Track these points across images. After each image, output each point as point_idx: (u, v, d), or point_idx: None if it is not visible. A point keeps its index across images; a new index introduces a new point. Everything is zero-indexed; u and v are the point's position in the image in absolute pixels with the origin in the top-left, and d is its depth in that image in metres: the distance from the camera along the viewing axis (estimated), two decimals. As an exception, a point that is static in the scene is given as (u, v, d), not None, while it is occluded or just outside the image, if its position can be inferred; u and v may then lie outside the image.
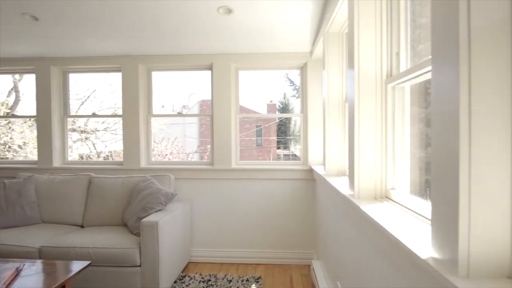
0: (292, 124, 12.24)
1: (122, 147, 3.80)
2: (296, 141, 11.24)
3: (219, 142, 3.63)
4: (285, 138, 12.53)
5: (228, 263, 3.61)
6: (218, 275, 3.23)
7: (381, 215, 1.33)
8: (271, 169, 3.59)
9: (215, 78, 3.61)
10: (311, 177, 3.55)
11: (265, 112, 14.29)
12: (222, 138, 3.63)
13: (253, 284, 3.03)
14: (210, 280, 3.11)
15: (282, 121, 12.88)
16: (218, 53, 3.57)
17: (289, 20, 2.65)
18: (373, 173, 1.71)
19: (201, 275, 3.21)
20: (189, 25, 2.75)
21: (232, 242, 3.66)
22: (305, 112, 3.63)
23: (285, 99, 13.77)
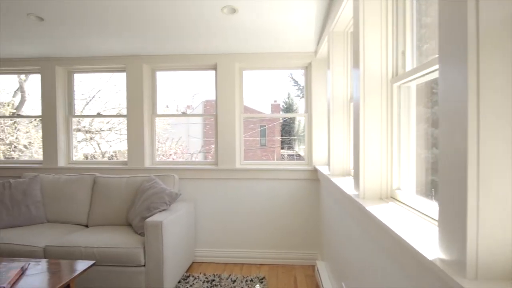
0: (296, 124, 12.20)
1: (126, 147, 3.81)
2: (300, 141, 11.21)
3: (223, 142, 3.63)
4: (289, 138, 12.50)
5: (232, 263, 3.60)
6: (222, 275, 3.22)
7: (386, 215, 1.32)
8: (275, 169, 3.59)
9: (219, 78, 3.61)
10: (315, 177, 3.54)
11: (269, 112, 14.27)
12: (226, 138, 3.63)
13: (257, 284, 3.03)
14: (214, 280, 3.10)
15: (286, 121, 12.86)
16: (222, 53, 3.57)
17: (293, 19, 2.64)
18: (379, 173, 1.69)
19: (205, 275, 3.21)
20: (194, 25, 2.75)
21: (236, 242, 3.66)
22: (309, 112, 3.62)
23: (289, 99, 13.74)
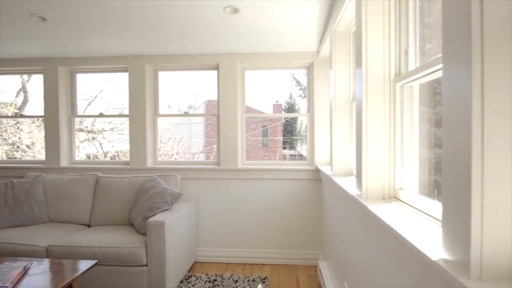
0: (298, 124, 12.20)
1: (128, 147, 3.81)
2: (302, 141, 11.20)
3: (225, 142, 3.63)
4: (291, 138, 12.50)
5: (234, 263, 3.60)
6: (224, 275, 3.22)
7: (389, 215, 1.32)
8: (277, 169, 3.58)
9: (221, 78, 3.61)
10: (317, 177, 3.53)
11: (271, 112, 14.27)
12: (228, 138, 3.63)
13: (259, 284, 3.02)
14: (216, 280, 3.10)
15: (288, 121, 12.85)
16: (224, 53, 3.56)
17: (295, 19, 2.63)
18: (381, 173, 1.69)
19: (207, 275, 3.21)
20: (196, 25, 2.75)
21: (238, 242, 3.65)
22: (311, 112, 3.61)
23: (291, 99, 13.73)
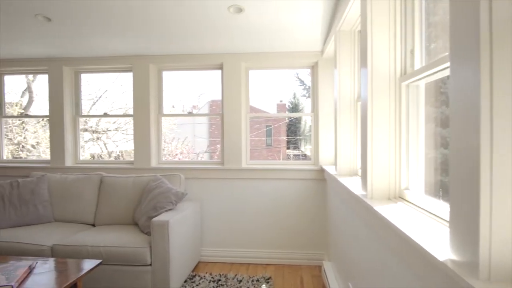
0: (302, 124, 12.17)
1: (133, 147, 3.82)
2: (306, 141, 11.18)
3: (229, 141, 3.63)
4: (295, 138, 12.48)
5: (238, 263, 3.60)
6: (228, 275, 3.22)
7: (395, 215, 1.31)
8: (281, 169, 3.57)
9: (226, 77, 3.61)
10: (321, 177, 3.52)
11: (274, 112, 14.25)
12: (232, 137, 3.62)
13: (263, 284, 3.02)
14: (220, 280, 3.10)
15: (292, 121, 12.83)
16: (228, 52, 3.56)
17: (300, 18, 2.62)
18: (387, 173, 1.67)
19: (211, 275, 3.21)
20: (200, 24, 2.74)
21: (242, 242, 3.65)
22: (316, 111, 3.60)
23: (295, 99, 13.71)
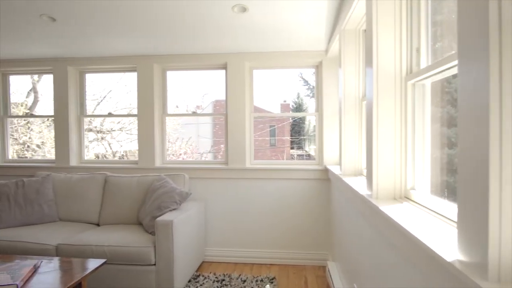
0: (306, 124, 12.14)
1: (137, 147, 3.82)
2: (310, 141, 11.15)
3: (233, 141, 3.62)
4: (298, 138, 12.45)
5: (242, 263, 3.59)
6: (232, 274, 3.21)
7: (401, 215, 1.29)
8: (285, 169, 3.56)
9: (230, 77, 3.61)
10: (326, 177, 3.50)
11: (278, 112, 14.22)
12: (236, 137, 3.62)
13: (268, 284, 3.01)
14: (224, 279, 3.10)
15: (295, 121, 12.80)
16: (232, 52, 3.56)
17: (304, 18, 2.61)
18: (392, 173, 1.66)
19: (215, 275, 3.21)
20: (204, 24, 2.74)
21: (246, 242, 3.64)
22: (320, 111, 3.59)
23: (298, 98, 13.65)
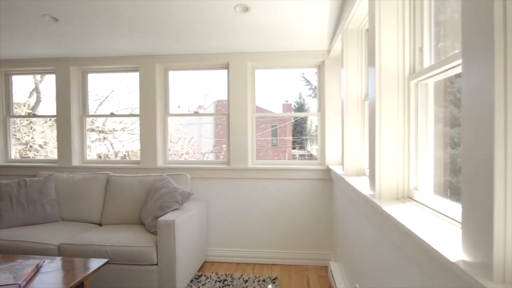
0: (308, 124, 12.13)
1: (139, 147, 3.83)
2: (312, 141, 11.14)
3: (235, 141, 3.62)
4: (300, 138, 12.44)
5: (244, 263, 3.59)
6: (234, 274, 3.21)
7: (404, 215, 1.29)
8: (287, 169, 3.56)
9: (232, 77, 3.60)
10: (328, 177, 3.50)
11: (280, 112, 14.21)
12: (238, 137, 3.61)
13: (270, 284, 3.00)
14: (226, 280, 3.09)
15: (297, 121, 12.79)
16: (234, 52, 3.55)
17: (306, 17, 2.61)
18: (395, 173, 1.65)
19: (217, 275, 3.21)
20: (206, 24, 2.74)
21: (248, 242, 3.64)
22: (322, 111, 3.58)
23: (300, 98, 13.64)
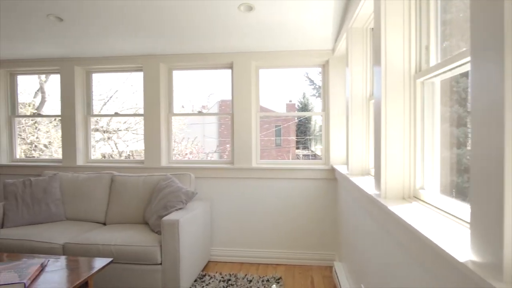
0: (312, 123, 12.11)
1: (143, 147, 3.83)
2: (316, 140, 11.12)
3: (239, 140, 3.61)
4: (304, 138, 12.42)
5: (248, 263, 3.58)
6: (238, 274, 3.21)
7: (411, 215, 1.27)
8: (292, 169, 3.54)
9: (236, 76, 3.60)
10: (332, 176, 3.48)
11: (284, 112, 14.20)
12: (242, 136, 3.61)
13: (274, 284, 3.00)
14: (230, 279, 3.09)
15: (301, 121, 12.77)
16: (238, 51, 3.55)
17: (311, 16, 2.59)
18: (401, 172, 1.64)
19: (221, 274, 3.20)
20: (210, 23, 2.73)
21: (252, 241, 3.63)
22: (326, 110, 3.57)
23: (304, 98, 13.62)
